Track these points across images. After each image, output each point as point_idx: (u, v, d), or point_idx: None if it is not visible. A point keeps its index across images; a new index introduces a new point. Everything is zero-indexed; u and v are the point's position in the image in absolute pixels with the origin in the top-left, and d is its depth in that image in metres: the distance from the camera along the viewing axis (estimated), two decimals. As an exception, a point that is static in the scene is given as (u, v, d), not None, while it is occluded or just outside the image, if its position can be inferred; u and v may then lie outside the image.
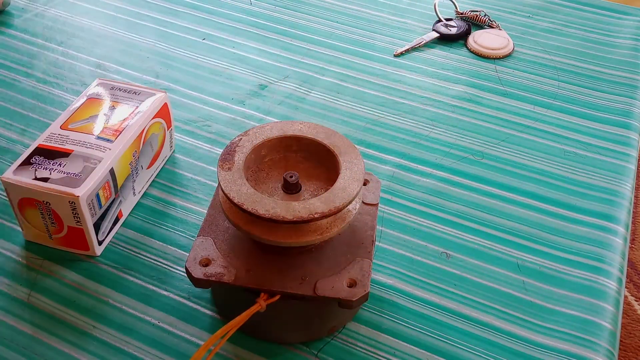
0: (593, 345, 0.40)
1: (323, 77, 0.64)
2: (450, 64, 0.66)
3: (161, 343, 0.40)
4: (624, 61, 0.68)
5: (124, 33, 0.68)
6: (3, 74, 0.62)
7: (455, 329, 0.41)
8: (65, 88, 0.60)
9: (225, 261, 0.38)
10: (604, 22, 0.74)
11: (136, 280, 0.43)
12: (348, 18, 0.73)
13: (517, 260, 0.46)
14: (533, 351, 0.40)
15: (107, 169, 0.43)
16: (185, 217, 0.48)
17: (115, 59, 0.64)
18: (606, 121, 0.59)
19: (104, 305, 0.42)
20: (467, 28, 0.71)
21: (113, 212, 0.45)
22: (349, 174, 0.38)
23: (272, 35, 0.69)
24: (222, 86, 0.62)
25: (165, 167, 0.52)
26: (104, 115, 0.47)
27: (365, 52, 0.68)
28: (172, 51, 0.66)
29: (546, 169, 0.54)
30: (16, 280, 0.43)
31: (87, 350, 0.39)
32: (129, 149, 0.45)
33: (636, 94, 0.63)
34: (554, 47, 0.69)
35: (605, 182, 0.53)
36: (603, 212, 0.50)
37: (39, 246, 0.45)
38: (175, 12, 0.73)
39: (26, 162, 0.43)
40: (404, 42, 0.69)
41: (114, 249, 0.45)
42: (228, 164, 0.38)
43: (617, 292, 0.44)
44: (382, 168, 0.53)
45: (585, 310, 0.42)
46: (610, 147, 0.56)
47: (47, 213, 0.42)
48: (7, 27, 0.69)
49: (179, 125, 0.56)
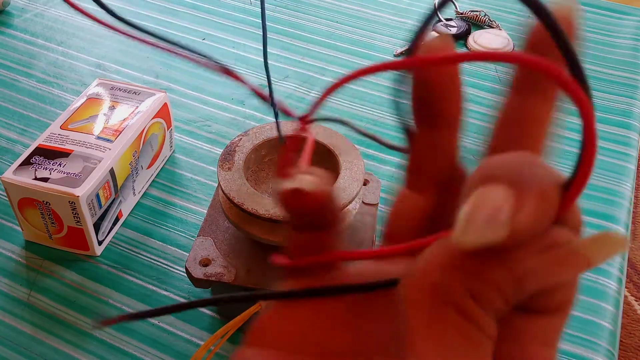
0: (593, 345, 0.40)
1: (323, 77, 0.64)
2: (450, 64, 0.66)
3: (161, 343, 0.40)
4: (624, 61, 0.68)
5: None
6: (3, 74, 0.62)
7: (455, 329, 0.41)
8: (65, 88, 0.60)
9: (225, 261, 0.38)
10: (604, 22, 0.74)
11: (136, 280, 0.43)
12: (348, 18, 0.73)
13: (517, 260, 0.46)
14: (533, 351, 0.40)
15: (107, 169, 0.43)
16: (185, 217, 0.48)
17: (115, 59, 0.64)
18: (606, 121, 0.59)
19: (104, 305, 0.42)
20: (467, 28, 0.71)
21: (113, 212, 0.45)
22: (349, 174, 0.38)
23: (272, 35, 0.69)
24: (222, 86, 0.62)
25: (165, 167, 0.52)
26: (104, 115, 0.47)
27: (365, 52, 0.68)
28: (172, 51, 0.66)
29: (546, 169, 0.54)
30: (16, 280, 0.43)
31: (87, 350, 0.39)
32: (129, 149, 0.45)
33: (636, 94, 0.63)
34: (554, 47, 0.69)
35: (605, 182, 0.53)
36: (603, 212, 0.50)
37: (39, 246, 0.45)
38: (175, 12, 0.73)
39: (26, 162, 0.43)
40: (404, 42, 0.69)
41: (114, 249, 0.45)
42: (228, 164, 0.38)
43: (617, 292, 0.44)
44: (382, 168, 0.53)
45: (585, 310, 0.42)
46: (610, 147, 0.56)
47: (47, 213, 0.42)
48: (7, 27, 0.69)
49: (179, 125, 0.56)
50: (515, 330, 0.16)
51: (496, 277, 0.14)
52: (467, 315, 0.15)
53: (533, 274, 0.15)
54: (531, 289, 0.15)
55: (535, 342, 0.17)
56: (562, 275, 0.15)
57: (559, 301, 0.16)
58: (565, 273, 0.15)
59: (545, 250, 0.15)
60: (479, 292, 0.15)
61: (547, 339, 0.17)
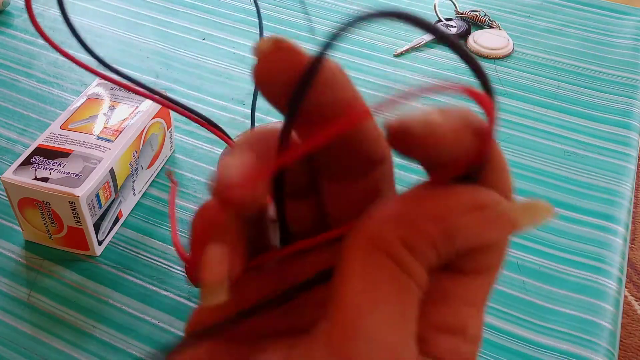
0: (593, 345, 0.40)
1: (323, 77, 0.64)
2: (450, 64, 0.66)
3: (161, 343, 0.40)
4: (624, 61, 0.68)
5: (124, 33, 0.68)
6: (3, 74, 0.62)
7: (455, 329, 0.41)
8: (65, 88, 0.60)
9: (225, 261, 0.38)
10: (604, 22, 0.74)
11: (136, 280, 0.43)
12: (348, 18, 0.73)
13: (517, 260, 0.46)
14: (533, 351, 0.40)
15: (107, 169, 0.43)
16: (185, 217, 0.48)
17: (115, 59, 0.64)
18: (606, 121, 0.59)
19: (104, 305, 0.42)
20: (467, 28, 0.71)
21: (113, 212, 0.45)
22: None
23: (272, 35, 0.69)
24: (222, 86, 0.62)
25: (165, 167, 0.52)
26: (103, 115, 0.47)
27: (365, 52, 0.68)
28: (172, 51, 0.66)
29: (546, 169, 0.54)
30: (16, 280, 0.43)
31: (87, 350, 0.39)
32: (129, 149, 0.45)
33: (636, 94, 0.63)
34: (554, 47, 0.69)
35: (605, 182, 0.53)
36: (603, 212, 0.50)
37: (39, 246, 0.45)
38: (175, 12, 0.73)
39: (26, 162, 0.43)
40: (404, 42, 0.69)
41: (114, 249, 0.45)
42: (228, 164, 0.38)
43: (617, 292, 0.44)
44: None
45: (585, 310, 0.42)
46: (610, 147, 0.56)
47: (47, 213, 0.42)
48: (7, 27, 0.69)
49: (179, 125, 0.56)
50: (446, 291, 0.18)
51: (428, 229, 0.16)
52: (398, 261, 0.16)
53: (463, 230, 0.16)
54: (461, 245, 0.16)
55: (463, 302, 0.18)
56: (490, 235, 0.16)
57: (487, 262, 0.18)
58: (493, 233, 0.16)
59: (475, 209, 0.16)
60: (412, 242, 0.16)
61: (475, 299, 0.18)
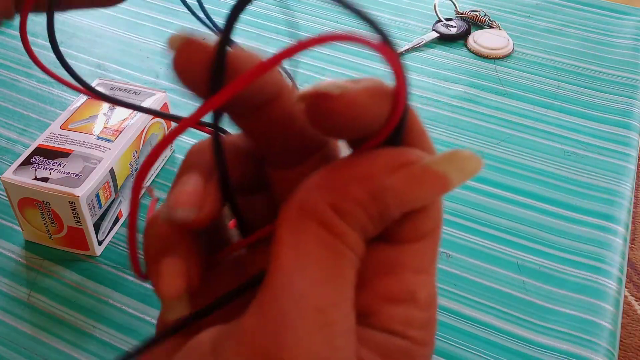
0: (593, 345, 0.40)
1: (323, 77, 0.64)
2: (450, 64, 0.66)
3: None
4: (624, 61, 0.68)
5: (124, 33, 0.68)
6: (3, 74, 0.62)
7: (455, 329, 0.41)
8: (65, 88, 0.60)
9: (225, 261, 0.38)
10: (604, 22, 0.74)
11: (136, 280, 0.43)
12: (348, 18, 0.73)
13: (517, 260, 0.46)
14: (533, 351, 0.40)
15: (107, 169, 0.43)
16: (185, 217, 0.48)
17: (115, 59, 0.64)
18: (606, 121, 0.59)
19: (104, 305, 0.42)
20: (467, 28, 0.71)
21: (113, 212, 0.45)
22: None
23: (272, 35, 0.69)
24: (222, 86, 0.62)
25: (165, 167, 0.52)
26: (103, 115, 0.47)
27: (365, 52, 0.68)
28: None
29: (546, 169, 0.54)
30: (16, 280, 0.43)
31: (87, 350, 0.39)
32: (129, 149, 0.45)
33: (636, 94, 0.63)
34: (554, 47, 0.69)
35: (605, 182, 0.53)
36: (603, 212, 0.50)
37: (39, 246, 0.45)
38: (175, 12, 0.73)
39: (26, 162, 0.43)
40: (404, 42, 0.69)
41: (114, 249, 0.45)
42: (228, 164, 0.38)
43: (617, 292, 0.44)
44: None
45: (585, 310, 0.42)
46: (610, 147, 0.56)
47: (47, 213, 0.42)
48: (7, 27, 0.69)
49: (179, 125, 0.56)
50: (390, 262, 0.18)
51: (354, 192, 0.16)
52: (329, 227, 0.16)
53: (390, 189, 0.16)
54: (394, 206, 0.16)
55: (409, 270, 0.18)
56: (421, 193, 0.16)
57: (425, 227, 0.18)
58: (422, 190, 0.16)
59: (399, 167, 0.16)
60: (340, 206, 0.16)
61: (421, 265, 0.18)
